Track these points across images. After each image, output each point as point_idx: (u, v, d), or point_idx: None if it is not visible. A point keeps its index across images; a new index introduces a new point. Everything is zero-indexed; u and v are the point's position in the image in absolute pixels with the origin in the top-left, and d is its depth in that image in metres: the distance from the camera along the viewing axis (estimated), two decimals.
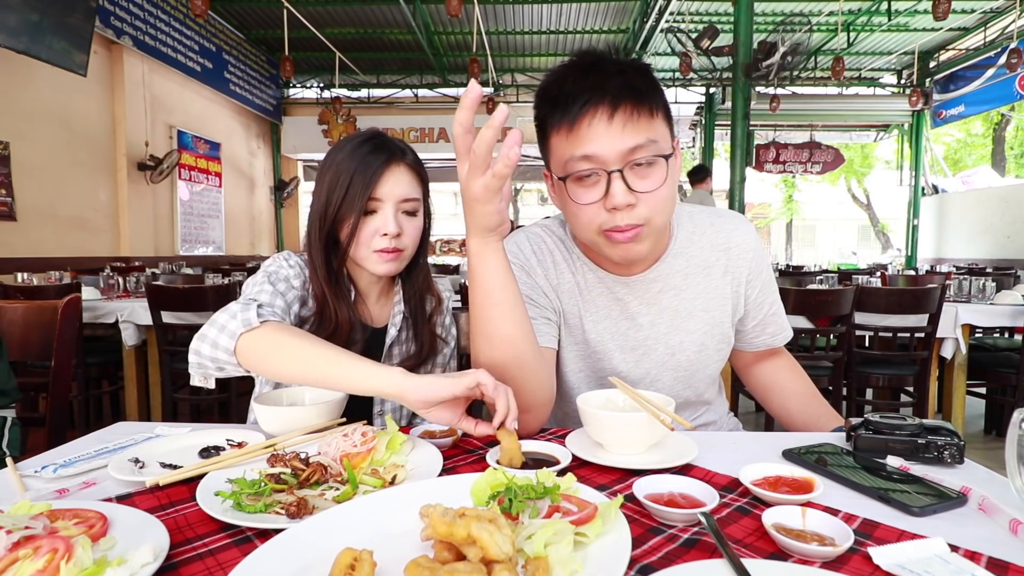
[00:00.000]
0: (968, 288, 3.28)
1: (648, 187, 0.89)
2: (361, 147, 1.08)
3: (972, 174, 11.79)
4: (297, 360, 0.85)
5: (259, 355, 0.87)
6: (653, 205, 0.90)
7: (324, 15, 7.96)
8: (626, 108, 0.87)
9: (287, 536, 0.55)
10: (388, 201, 1.07)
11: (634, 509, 0.65)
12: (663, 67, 9.96)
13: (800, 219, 20.41)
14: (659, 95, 0.91)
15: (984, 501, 0.64)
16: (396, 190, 1.08)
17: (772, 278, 1.16)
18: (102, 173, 6.17)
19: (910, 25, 8.52)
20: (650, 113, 0.89)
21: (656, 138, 0.89)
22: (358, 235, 1.07)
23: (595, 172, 0.89)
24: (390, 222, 1.06)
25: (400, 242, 1.09)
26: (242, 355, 0.87)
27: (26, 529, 0.52)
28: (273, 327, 0.89)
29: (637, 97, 0.88)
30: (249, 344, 0.87)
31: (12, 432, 1.21)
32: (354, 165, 1.06)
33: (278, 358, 0.87)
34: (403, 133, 10.22)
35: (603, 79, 0.88)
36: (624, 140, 0.87)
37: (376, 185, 1.06)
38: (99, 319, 3.10)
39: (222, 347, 0.87)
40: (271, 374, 0.90)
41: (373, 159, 1.06)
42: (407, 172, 1.10)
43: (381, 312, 1.21)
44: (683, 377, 1.10)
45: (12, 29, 4.42)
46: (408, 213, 1.11)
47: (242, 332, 0.87)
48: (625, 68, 0.89)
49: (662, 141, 0.90)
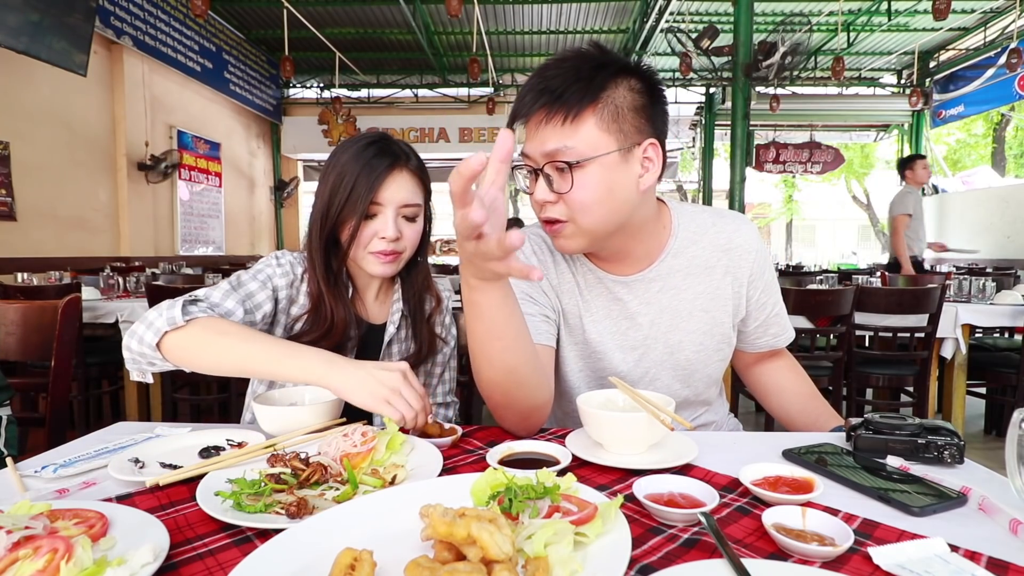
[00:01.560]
0: (968, 288, 3.28)
1: (562, 189, 0.91)
2: (366, 150, 1.08)
3: (972, 174, 11.79)
4: (221, 358, 0.91)
5: (184, 351, 0.92)
6: (572, 207, 0.92)
7: (324, 15, 7.96)
8: (542, 113, 0.90)
9: (287, 536, 0.55)
10: (389, 206, 1.08)
11: (634, 509, 0.65)
12: (663, 67, 9.96)
13: (800, 219, 20.41)
14: (588, 103, 0.88)
15: (984, 501, 0.64)
16: (398, 195, 1.08)
17: (774, 279, 1.15)
18: (102, 173, 6.17)
19: (910, 25, 8.52)
20: (571, 120, 0.89)
21: (573, 145, 0.88)
22: (358, 237, 1.08)
23: (528, 168, 0.95)
24: (389, 226, 1.07)
25: (398, 245, 1.10)
26: (168, 352, 0.92)
27: (26, 529, 0.52)
28: (201, 325, 0.92)
29: (558, 103, 0.89)
30: (175, 342, 0.91)
31: (9, 431, 1.21)
32: (358, 168, 1.07)
33: (204, 355, 0.92)
34: (403, 133, 10.22)
35: (543, 82, 0.91)
36: (544, 143, 0.90)
37: (379, 189, 1.07)
38: (99, 319, 3.10)
39: (147, 343, 0.91)
40: (198, 369, 0.93)
41: (377, 163, 1.07)
42: (410, 178, 1.11)
43: (380, 309, 1.21)
44: (682, 376, 1.10)
45: (12, 29, 4.42)
46: (408, 218, 1.12)
47: (166, 330, 0.91)
48: (567, 71, 0.90)
49: (582, 148, 0.88)
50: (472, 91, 10.24)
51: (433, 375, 1.28)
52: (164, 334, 0.91)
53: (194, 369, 0.93)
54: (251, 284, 1.08)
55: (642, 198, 0.95)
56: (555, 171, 0.91)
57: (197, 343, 0.91)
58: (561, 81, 0.89)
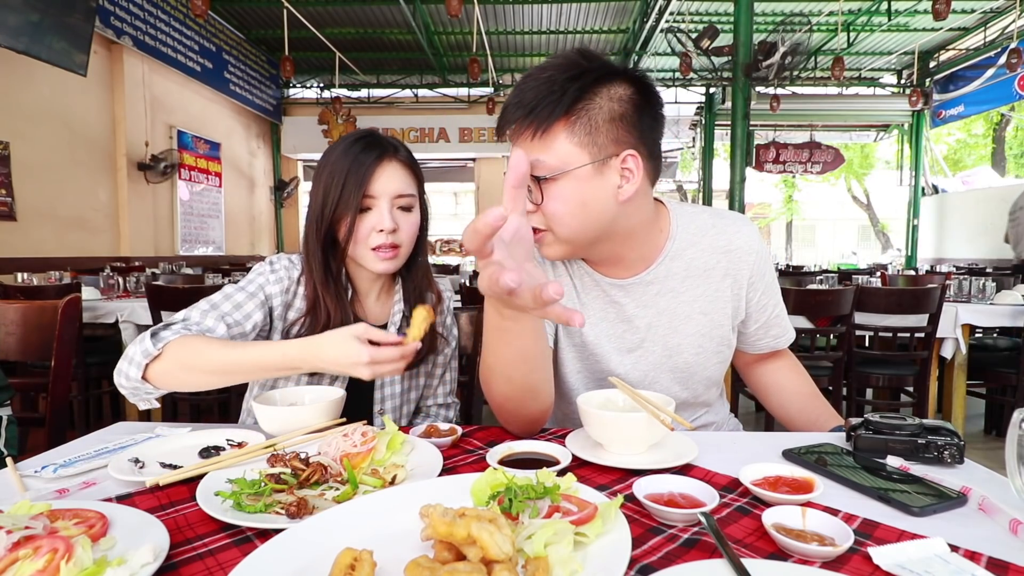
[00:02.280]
0: (968, 288, 3.28)
1: (537, 201, 0.90)
2: (354, 146, 1.09)
3: (972, 174, 11.80)
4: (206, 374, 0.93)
5: (170, 376, 0.94)
6: (548, 218, 0.92)
7: (324, 15, 7.96)
8: (516, 127, 0.91)
9: (287, 536, 0.55)
10: (382, 197, 1.08)
11: (634, 509, 0.65)
12: (663, 67, 9.96)
13: (800, 219, 20.40)
14: (558, 117, 0.87)
15: (984, 501, 0.64)
16: (390, 186, 1.09)
17: (775, 281, 1.15)
18: (102, 173, 6.17)
19: (910, 25, 8.52)
20: (540, 135, 0.88)
21: (544, 159, 0.88)
22: (355, 233, 1.08)
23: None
24: (386, 218, 1.07)
25: (397, 238, 1.09)
26: (156, 381, 0.94)
27: (26, 529, 0.52)
28: (175, 348, 0.94)
29: (529, 118, 0.88)
30: (157, 370, 0.94)
31: (9, 431, 1.21)
32: (348, 164, 1.07)
33: (190, 375, 0.93)
34: (403, 133, 10.22)
35: (518, 95, 0.91)
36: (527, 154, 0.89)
37: (370, 182, 1.07)
38: (99, 319, 3.10)
39: (133, 379, 0.93)
40: (193, 387, 0.95)
41: (365, 156, 1.07)
42: (400, 168, 1.11)
43: (382, 310, 1.21)
44: (681, 379, 1.10)
45: (12, 29, 4.42)
46: (403, 209, 1.12)
47: (146, 362, 0.93)
48: (541, 84, 0.89)
49: (553, 162, 0.88)
50: (472, 91, 10.25)
51: (434, 376, 1.28)
52: (145, 367, 0.93)
53: (190, 388, 0.95)
54: (238, 296, 1.08)
55: (622, 208, 0.93)
56: (533, 182, 0.90)
57: (178, 366, 0.93)
58: (534, 95, 0.88)
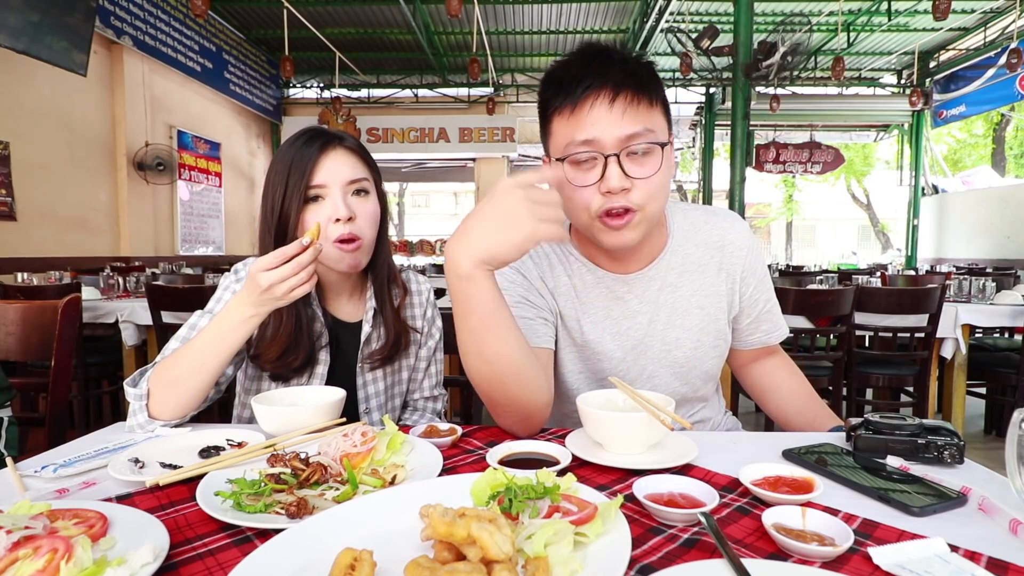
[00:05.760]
0: (968, 288, 3.28)
1: (643, 174, 0.91)
2: (297, 140, 1.08)
3: (972, 174, 11.79)
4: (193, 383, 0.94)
5: (169, 404, 0.95)
6: (646, 192, 0.92)
7: (324, 15, 7.96)
8: (626, 95, 0.90)
9: (287, 536, 0.55)
10: (333, 185, 1.06)
11: (634, 509, 0.65)
12: (663, 67, 9.94)
13: (800, 219, 20.41)
14: (659, 88, 0.94)
15: (984, 501, 0.64)
16: (339, 174, 1.06)
17: (767, 275, 1.16)
18: (102, 173, 6.17)
19: (910, 25, 8.52)
20: (649, 103, 0.92)
21: (653, 128, 0.91)
22: (302, 224, 1.05)
23: (592, 156, 0.91)
24: (340, 205, 1.04)
25: (355, 227, 1.06)
26: (161, 413, 0.95)
27: (26, 529, 0.52)
28: (155, 378, 0.96)
29: (638, 86, 0.90)
30: (155, 403, 0.95)
31: (9, 432, 1.21)
32: (291, 157, 1.06)
33: (183, 395, 0.95)
34: (403, 133, 10.22)
35: (606, 67, 0.90)
36: (623, 127, 0.89)
37: (314, 172, 1.05)
38: (99, 319, 3.10)
39: (143, 425, 0.95)
40: (194, 403, 0.97)
41: (307, 148, 1.06)
42: (347, 154, 1.09)
43: (355, 309, 1.21)
44: (680, 373, 1.11)
45: (12, 29, 4.42)
46: (358, 193, 1.09)
47: (144, 403, 0.95)
48: (628, 59, 0.92)
49: (659, 131, 0.92)
50: (472, 91, 10.24)
51: (418, 369, 1.27)
52: (146, 408, 0.95)
53: (192, 400, 0.96)
54: (203, 322, 1.07)
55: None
56: (630, 156, 0.90)
57: (164, 388, 0.94)
58: (636, 66, 0.91)
